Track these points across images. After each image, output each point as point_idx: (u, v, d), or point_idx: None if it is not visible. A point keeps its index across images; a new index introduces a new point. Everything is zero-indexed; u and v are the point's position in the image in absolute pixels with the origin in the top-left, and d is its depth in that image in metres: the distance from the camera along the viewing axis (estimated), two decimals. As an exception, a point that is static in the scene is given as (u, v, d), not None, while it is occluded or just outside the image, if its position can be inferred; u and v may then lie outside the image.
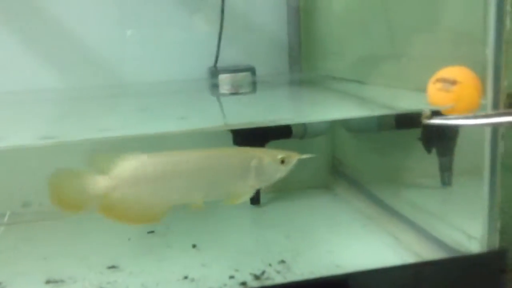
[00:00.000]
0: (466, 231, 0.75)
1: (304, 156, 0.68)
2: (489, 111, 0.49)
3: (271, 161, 0.66)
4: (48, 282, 0.79)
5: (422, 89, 0.76)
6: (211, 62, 1.18)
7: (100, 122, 0.82)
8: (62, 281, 0.79)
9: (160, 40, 1.17)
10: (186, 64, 1.19)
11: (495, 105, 0.65)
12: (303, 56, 1.24)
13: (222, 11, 1.14)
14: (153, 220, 0.64)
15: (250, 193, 0.67)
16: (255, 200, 1.09)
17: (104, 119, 0.86)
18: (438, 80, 0.70)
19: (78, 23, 1.12)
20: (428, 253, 0.79)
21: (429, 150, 1.00)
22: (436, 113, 0.69)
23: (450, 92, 0.67)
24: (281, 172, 0.67)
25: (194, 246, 0.89)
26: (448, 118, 0.51)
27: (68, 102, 1.07)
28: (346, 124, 1.12)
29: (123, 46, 1.15)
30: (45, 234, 1.00)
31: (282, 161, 0.67)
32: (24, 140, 0.74)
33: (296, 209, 1.06)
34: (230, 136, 1.06)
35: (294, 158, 0.67)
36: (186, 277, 0.78)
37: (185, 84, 1.18)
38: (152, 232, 0.97)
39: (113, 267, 0.83)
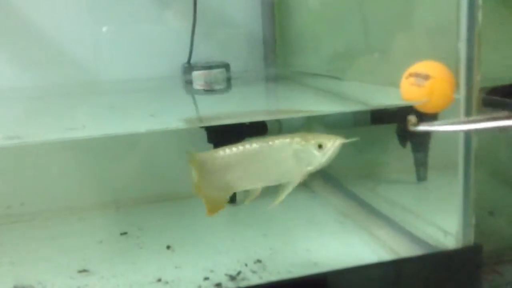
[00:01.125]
0: (442, 227, 0.75)
1: (347, 140, 0.63)
2: (475, 116, 0.48)
3: (308, 146, 0.64)
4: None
5: (397, 85, 0.75)
6: (184, 59, 1.15)
7: (68, 121, 0.79)
8: (30, 286, 0.76)
9: (133, 37, 1.14)
10: (159, 61, 1.17)
11: (468, 100, 0.65)
12: (278, 52, 1.23)
13: (195, 6, 1.12)
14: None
15: (297, 179, 0.67)
16: (231, 198, 1.07)
17: (72, 118, 0.83)
18: (411, 75, 0.69)
19: (47, 19, 1.08)
20: (404, 249, 0.79)
21: (403, 145, 1.01)
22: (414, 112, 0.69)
23: (423, 87, 0.67)
24: (318, 158, 0.63)
25: (168, 247, 0.87)
26: (434, 124, 0.50)
27: (36, 100, 1.03)
28: (323, 120, 1.11)
29: (94, 42, 1.12)
30: (13, 238, 0.97)
31: (320, 146, 0.63)
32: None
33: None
34: (204, 133, 1.04)
35: (332, 143, 0.62)
36: (159, 280, 0.76)
37: (159, 81, 1.15)
38: (125, 233, 0.94)
39: (84, 271, 0.80)
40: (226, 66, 1.12)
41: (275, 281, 0.71)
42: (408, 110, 0.72)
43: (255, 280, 0.74)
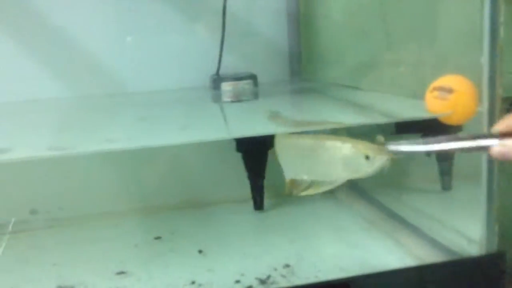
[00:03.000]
0: (466, 235, 0.77)
1: (395, 156, 0.62)
2: (443, 136, 0.51)
3: (358, 154, 0.64)
4: (59, 287, 0.81)
5: (420, 96, 0.78)
6: (212, 70, 1.19)
7: (104, 133, 0.83)
8: (72, 286, 0.81)
9: (162, 48, 1.19)
10: (188, 72, 1.21)
11: (491, 113, 0.68)
12: (303, 64, 1.26)
13: (224, 18, 1.16)
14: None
15: (340, 182, 0.68)
16: (259, 205, 1.11)
17: (107, 129, 0.87)
18: (435, 89, 0.72)
19: (79, 31, 1.14)
20: (428, 256, 0.81)
21: (428, 154, 1.02)
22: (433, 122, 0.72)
23: (447, 100, 0.70)
24: (364, 167, 0.64)
25: (200, 251, 0.91)
26: (400, 144, 0.54)
27: (69, 112, 1.09)
28: (348, 129, 1.14)
29: (124, 54, 1.17)
30: (53, 241, 1.02)
31: (367, 157, 0.64)
32: (31, 151, 0.75)
33: (299, 214, 1.08)
34: (233, 144, 1.08)
35: (380, 157, 0.62)
36: (193, 282, 0.79)
37: (187, 92, 1.19)
38: (159, 238, 0.99)
39: (121, 273, 0.84)
40: (254, 78, 1.15)
41: (304, 284, 0.74)
42: (434, 122, 0.75)
43: (285, 284, 0.77)
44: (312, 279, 0.78)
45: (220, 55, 1.18)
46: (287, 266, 0.83)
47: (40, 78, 1.13)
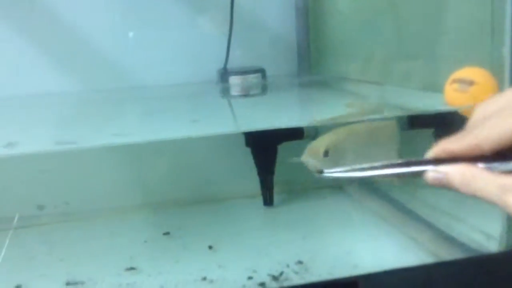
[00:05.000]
0: (484, 231, 0.76)
1: None
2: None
3: None
4: (68, 284, 0.79)
5: (436, 89, 0.76)
6: (220, 64, 1.18)
7: (112, 127, 0.82)
8: (82, 282, 0.79)
9: (169, 42, 1.17)
10: (195, 66, 1.19)
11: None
12: (312, 57, 1.24)
13: (232, 11, 1.14)
14: None
15: None
16: (268, 201, 1.09)
17: (115, 123, 0.86)
18: (455, 81, 0.70)
19: (86, 25, 1.12)
20: (445, 253, 0.79)
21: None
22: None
23: (467, 93, 0.68)
24: None
25: (210, 247, 0.90)
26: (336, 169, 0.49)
27: (77, 106, 1.08)
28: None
29: (131, 49, 1.15)
30: (60, 237, 1.01)
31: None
32: (40, 146, 0.74)
33: (309, 209, 1.07)
34: (242, 137, 1.06)
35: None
36: (204, 278, 0.78)
37: (195, 86, 1.18)
38: (168, 233, 0.97)
39: (131, 268, 0.83)
40: (262, 72, 1.14)
41: (317, 282, 0.73)
42: (449, 115, 0.73)
43: (298, 281, 0.75)
44: (325, 276, 0.76)
45: (228, 49, 1.17)
46: (300, 262, 0.81)
47: (47, 72, 1.12)
